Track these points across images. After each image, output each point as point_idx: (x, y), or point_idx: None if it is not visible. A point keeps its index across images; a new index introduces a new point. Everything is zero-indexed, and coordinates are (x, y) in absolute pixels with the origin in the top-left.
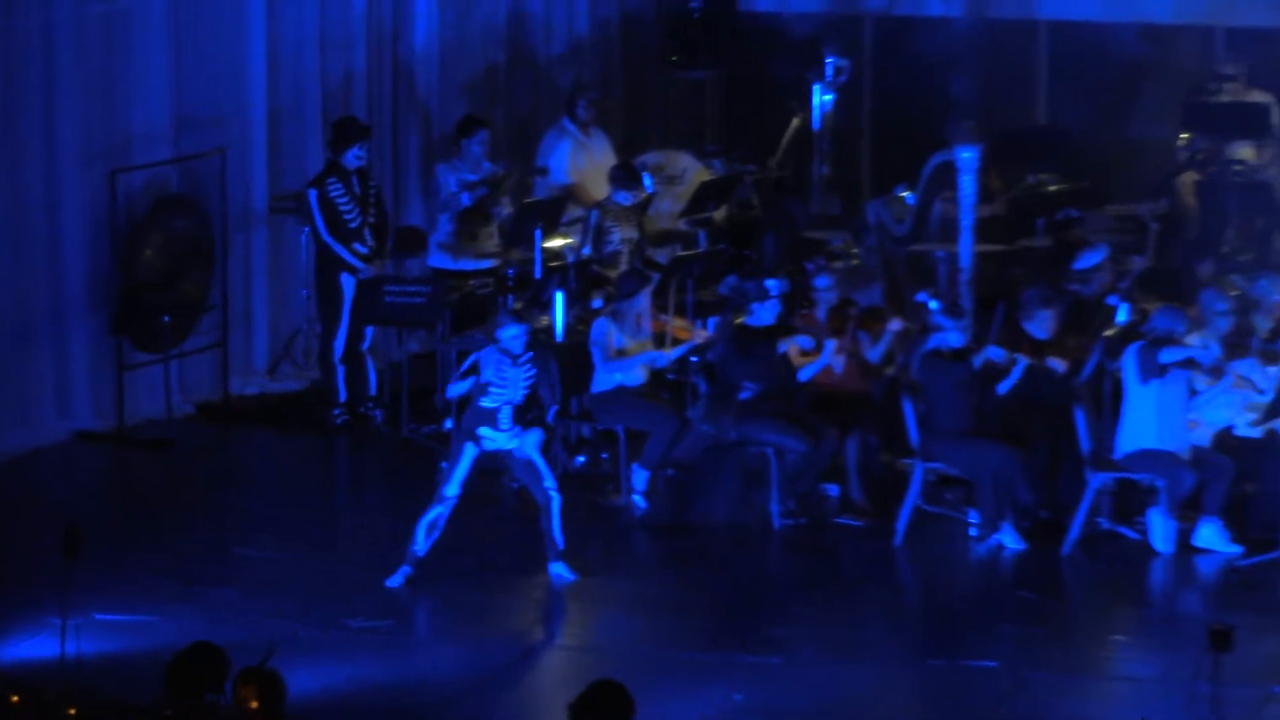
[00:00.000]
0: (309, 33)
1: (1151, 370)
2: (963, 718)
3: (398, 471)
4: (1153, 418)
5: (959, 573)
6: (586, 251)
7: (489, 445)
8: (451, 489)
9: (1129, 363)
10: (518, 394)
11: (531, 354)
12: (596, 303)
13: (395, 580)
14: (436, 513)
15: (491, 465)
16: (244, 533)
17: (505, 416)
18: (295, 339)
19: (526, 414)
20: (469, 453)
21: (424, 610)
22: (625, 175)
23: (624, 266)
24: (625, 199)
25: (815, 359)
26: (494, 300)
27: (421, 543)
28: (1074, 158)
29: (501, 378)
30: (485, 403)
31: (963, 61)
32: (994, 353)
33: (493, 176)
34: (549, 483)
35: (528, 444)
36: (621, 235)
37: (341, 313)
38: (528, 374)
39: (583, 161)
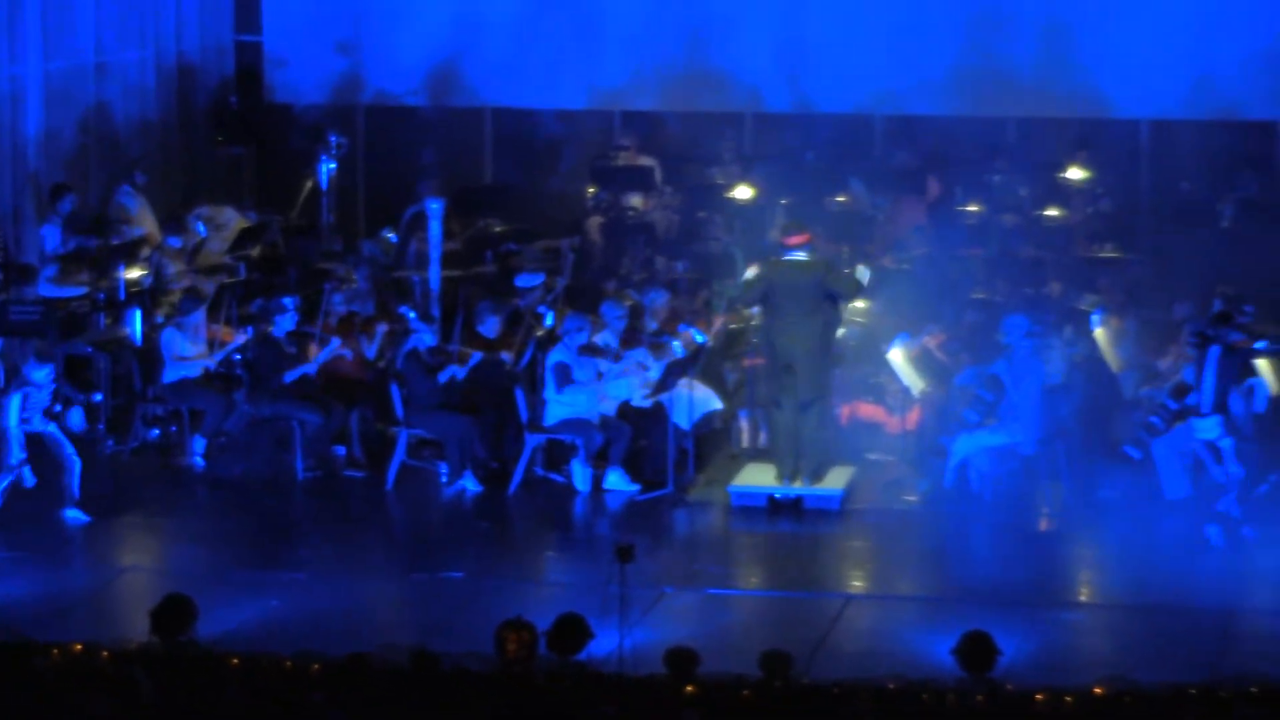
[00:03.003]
0: None
1: (564, 377)
2: (438, 615)
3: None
4: (571, 395)
5: (434, 508)
6: (148, 281)
7: (28, 429)
8: (15, 457)
9: (554, 358)
10: (44, 404)
11: (54, 386)
12: (159, 319)
13: None
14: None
15: None
16: None
17: (36, 418)
18: None
19: (51, 413)
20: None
21: (45, 543)
22: (177, 225)
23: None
24: (176, 242)
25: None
26: (89, 316)
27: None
28: (512, 207)
29: (31, 403)
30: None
31: (429, 138)
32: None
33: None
34: (70, 451)
35: (51, 430)
36: (178, 269)
37: None
38: (47, 400)
39: (143, 215)
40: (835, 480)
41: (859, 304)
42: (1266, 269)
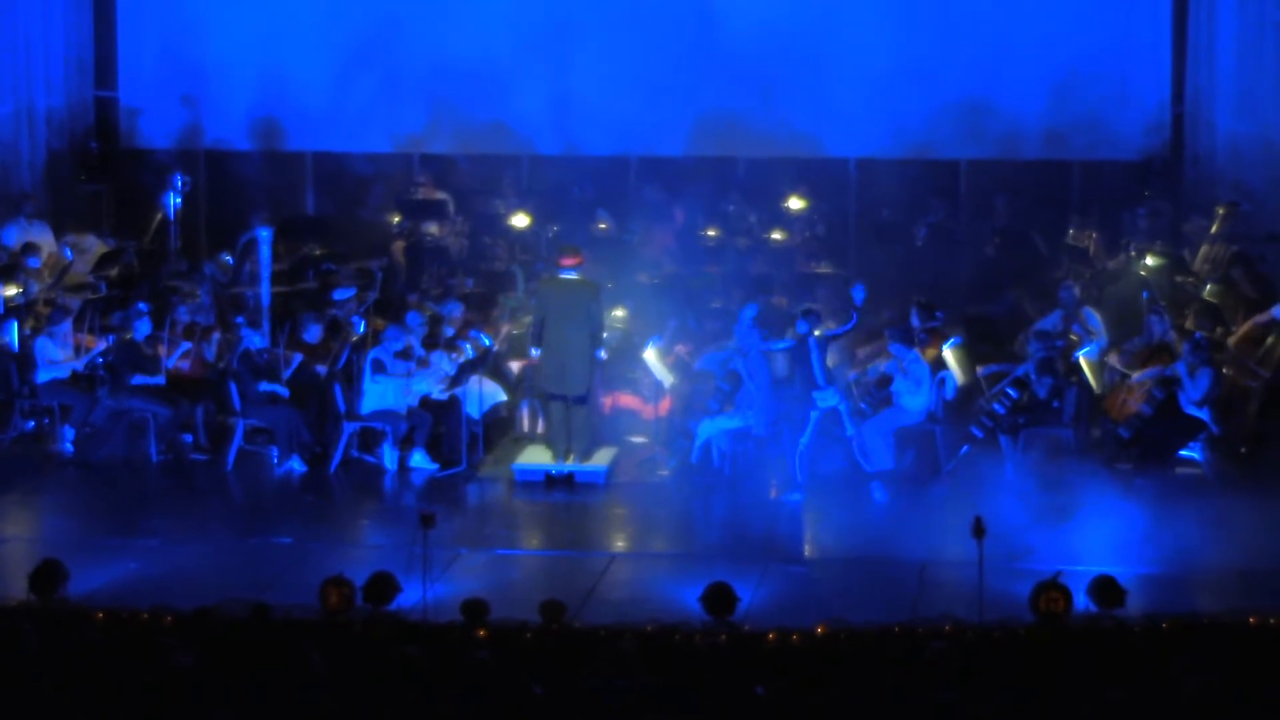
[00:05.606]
0: None
1: (381, 369)
2: (271, 573)
3: None
4: (382, 389)
5: (266, 485)
6: (21, 299)
7: None
8: None
9: (372, 355)
10: None
11: None
12: (27, 331)
13: None
14: None
15: None
16: None
17: None
18: None
19: None
20: None
21: None
22: (33, 251)
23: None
24: (35, 263)
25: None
26: None
27: None
28: (330, 234)
29: None
30: None
31: (261, 177)
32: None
33: None
34: None
35: None
36: (39, 284)
37: None
38: None
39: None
40: (601, 459)
41: (619, 313)
42: (951, 281)
